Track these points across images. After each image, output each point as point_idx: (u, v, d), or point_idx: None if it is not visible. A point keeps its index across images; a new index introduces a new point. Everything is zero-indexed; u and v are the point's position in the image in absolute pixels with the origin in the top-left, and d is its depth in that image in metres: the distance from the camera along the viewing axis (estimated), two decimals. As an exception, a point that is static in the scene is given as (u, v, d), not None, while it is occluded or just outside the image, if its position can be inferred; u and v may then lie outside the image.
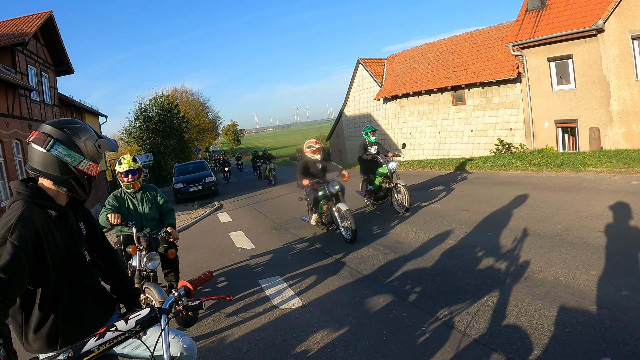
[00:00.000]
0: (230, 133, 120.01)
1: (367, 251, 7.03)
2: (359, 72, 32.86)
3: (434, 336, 3.98)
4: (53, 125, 2.09)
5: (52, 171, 2.07)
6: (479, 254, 6.03)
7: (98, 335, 1.84)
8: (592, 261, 5.07)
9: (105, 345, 1.82)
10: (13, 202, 2.06)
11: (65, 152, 2.07)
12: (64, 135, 2.07)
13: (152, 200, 5.59)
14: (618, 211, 6.85)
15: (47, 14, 19.57)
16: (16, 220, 1.93)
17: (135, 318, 1.94)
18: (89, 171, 2.16)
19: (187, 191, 19.92)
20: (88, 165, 2.15)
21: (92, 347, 1.79)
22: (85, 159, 2.13)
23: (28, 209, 2.00)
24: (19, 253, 1.86)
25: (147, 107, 39.56)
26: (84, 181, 2.16)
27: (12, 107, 16.07)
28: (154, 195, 5.64)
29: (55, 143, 2.05)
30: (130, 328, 1.91)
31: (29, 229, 1.94)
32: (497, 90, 20.35)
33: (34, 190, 2.08)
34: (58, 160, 2.06)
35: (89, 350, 1.78)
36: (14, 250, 1.85)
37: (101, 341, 1.82)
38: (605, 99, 15.27)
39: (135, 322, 1.93)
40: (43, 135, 2.05)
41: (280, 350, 4.19)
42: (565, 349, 3.39)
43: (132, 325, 1.92)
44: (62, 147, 2.06)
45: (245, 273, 6.96)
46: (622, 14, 14.23)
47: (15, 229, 1.90)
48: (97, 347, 1.80)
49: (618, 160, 10.76)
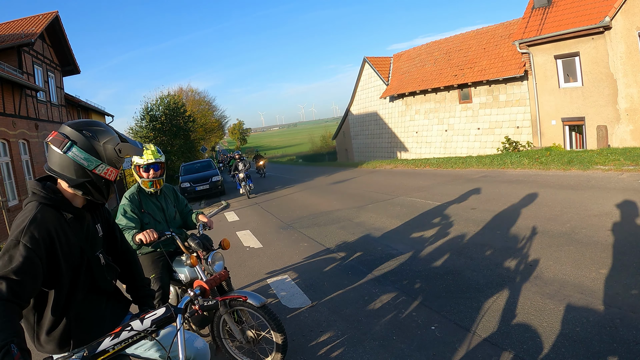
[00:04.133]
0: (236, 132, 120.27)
1: (375, 250, 7.03)
2: (365, 71, 32.86)
3: (443, 335, 3.99)
4: (72, 126, 2.05)
5: (68, 173, 2.03)
6: (487, 252, 6.03)
7: (113, 335, 1.84)
8: (602, 260, 5.06)
9: (120, 345, 1.83)
10: (28, 202, 2.05)
11: (82, 155, 2.02)
12: (81, 138, 2.03)
13: (174, 202, 4.63)
14: (626, 209, 6.82)
15: (53, 14, 19.70)
16: (29, 222, 1.92)
17: (151, 318, 1.95)
18: (107, 175, 2.10)
19: (194, 190, 19.97)
20: (106, 170, 2.09)
21: (107, 347, 1.80)
22: (102, 164, 2.07)
23: (42, 211, 1.99)
24: (32, 255, 1.85)
25: (154, 107, 39.61)
26: (101, 185, 2.12)
27: (19, 107, 16.18)
28: (174, 197, 4.67)
29: (72, 145, 2.01)
30: (145, 328, 1.91)
31: (41, 231, 1.93)
32: (504, 88, 20.29)
33: (50, 191, 2.06)
34: (74, 163, 2.01)
35: (104, 350, 1.79)
36: (27, 252, 1.85)
37: (116, 341, 1.83)
38: (613, 97, 15.19)
39: (151, 322, 1.93)
40: (61, 137, 2.01)
41: (289, 349, 4.19)
42: (576, 347, 3.39)
43: (148, 325, 1.92)
44: (78, 150, 2.01)
45: (253, 272, 6.97)
46: (629, 11, 14.15)
47: (27, 231, 1.89)
48: (112, 347, 1.81)
49: (626, 158, 10.70)
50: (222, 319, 3.73)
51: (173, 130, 39.13)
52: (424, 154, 25.37)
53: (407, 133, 27.68)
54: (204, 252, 4.01)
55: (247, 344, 3.68)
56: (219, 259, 4.06)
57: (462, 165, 15.83)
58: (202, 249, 4.01)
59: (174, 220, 4.49)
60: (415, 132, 26.73)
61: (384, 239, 7.58)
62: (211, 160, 24.58)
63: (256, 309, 3.50)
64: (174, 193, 4.69)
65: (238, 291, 3.81)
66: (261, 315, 3.55)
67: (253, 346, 3.70)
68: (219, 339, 3.80)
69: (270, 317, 3.51)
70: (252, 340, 3.67)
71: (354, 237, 8.04)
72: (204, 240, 4.10)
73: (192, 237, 4.08)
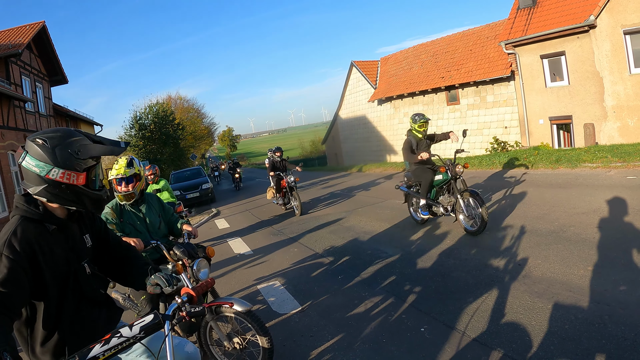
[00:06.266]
0: (226, 139, 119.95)
1: (364, 254, 7.02)
2: (353, 75, 32.95)
3: (433, 337, 3.98)
4: (30, 136, 2.05)
5: (30, 183, 2.03)
6: (476, 253, 6.03)
7: (103, 342, 1.87)
8: (590, 257, 5.07)
9: (111, 352, 1.85)
10: (12, 216, 2.07)
11: (33, 162, 1.99)
12: (32, 146, 2.01)
13: (159, 211, 4.60)
14: (614, 206, 6.86)
15: (40, 24, 19.60)
16: (10, 234, 1.94)
17: (140, 324, 1.98)
18: (65, 180, 2.02)
19: (184, 198, 19.86)
20: (61, 174, 2.00)
21: (98, 354, 1.82)
22: (54, 168, 1.99)
23: (23, 224, 2.00)
24: (15, 266, 1.86)
25: (142, 115, 39.52)
26: (63, 191, 2.04)
27: (7, 118, 16.07)
28: (159, 207, 4.65)
29: (26, 155, 2.01)
30: (134, 334, 1.94)
31: (22, 243, 1.94)
32: (491, 88, 20.40)
33: (32, 204, 2.07)
34: (29, 171, 2.01)
35: (94, 357, 1.81)
36: (10, 263, 1.86)
37: (106, 347, 1.85)
38: (599, 95, 15.31)
39: (140, 329, 1.96)
40: (21, 149, 2.04)
41: (280, 355, 4.17)
42: (565, 345, 3.39)
43: (137, 331, 1.95)
44: (30, 158, 2.00)
45: (243, 279, 6.94)
46: (613, 9, 14.28)
47: (9, 244, 1.91)
48: (102, 354, 1.83)
49: (613, 155, 10.77)
50: (208, 325, 3.71)
51: (162, 139, 39.03)
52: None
53: (396, 136, 27.73)
54: (189, 260, 3.98)
55: (234, 350, 3.65)
56: (204, 266, 4.01)
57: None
58: (187, 256, 3.99)
59: (159, 230, 4.49)
60: (404, 135, 26.81)
61: (373, 242, 7.57)
62: (201, 168, 24.52)
63: (242, 314, 3.48)
64: (159, 202, 4.68)
65: (224, 298, 3.79)
66: (247, 321, 3.53)
67: (240, 352, 3.68)
68: (206, 346, 3.77)
69: (256, 322, 3.49)
70: (239, 346, 3.64)
71: (343, 241, 8.03)
72: (189, 248, 4.08)
73: (177, 246, 4.06)
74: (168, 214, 4.68)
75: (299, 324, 4.83)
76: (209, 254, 4.25)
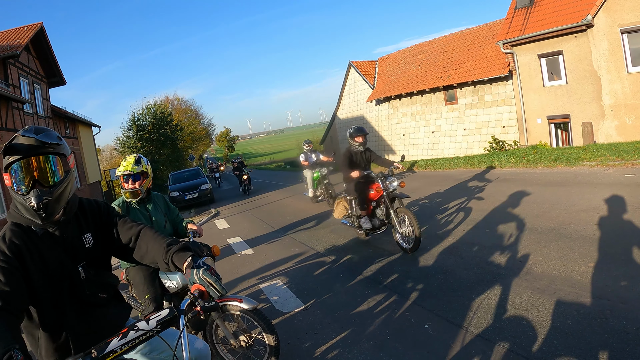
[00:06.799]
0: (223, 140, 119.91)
1: (366, 252, 7.05)
2: (350, 75, 32.97)
3: (437, 333, 4.01)
4: None
5: None
6: (477, 251, 6.07)
7: (121, 335, 1.89)
8: (590, 253, 5.12)
9: (128, 345, 1.88)
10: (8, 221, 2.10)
11: None
12: None
13: (164, 211, 4.60)
14: (613, 204, 6.91)
15: (38, 25, 19.59)
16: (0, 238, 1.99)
17: (156, 318, 2.00)
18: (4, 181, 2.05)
19: (183, 199, 19.85)
20: None
21: (115, 347, 1.84)
22: None
23: (10, 229, 2.03)
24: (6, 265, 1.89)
25: (141, 117, 39.57)
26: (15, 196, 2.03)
27: (6, 120, 16.06)
28: (165, 206, 4.66)
29: None
30: (151, 328, 1.97)
31: (10, 246, 1.96)
32: (489, 88, 20.46)
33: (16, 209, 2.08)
34: None
35: (112, 350, 1.83)
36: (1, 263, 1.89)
37: (124, 341, 1.87)
38: (597, 93, 15.38)
39: (156, 322, 1.99)
40: None
41: (284, 353, 4.18)
42: (568, 340, 3.43)
43: (153, 325, 1.97)
44: None
45: (245, 278, 6.96)
46: (610, 8, 14.35)
47: None
48: (120, 347, 1.85)
49: (612, 154, 10.83)
50: (214, 323, 3.73)
51: (160, 140, 39.06)
52: (411, 156, 25.43)
53: (394, 136, 27.78)
54: None
55: (240, 348, 3.68)
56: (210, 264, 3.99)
57: (450, 166, 15.92)
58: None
59: (164, 229, 4.49)
60: (403, 134, 26.84)
61: (374, 241, 7.60)
62: (199, 169, 24.51)
63: (248, 312, 3.51)
64: (165, 202, 4.70)
65: (231, 295, 3.81)
66: (253, 319, 3.55)
67: (246, 350, 3.70)
68: (212, 344, 3.79)
69: (263, 320, 3.52)
70: (245, 344, 3.67)
71: (344, 240, 8.05)
72: (194, 246, 4.06)
73: None
74: (173, 214, 4.71)
75: (303, 322, 4.85)
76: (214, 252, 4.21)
